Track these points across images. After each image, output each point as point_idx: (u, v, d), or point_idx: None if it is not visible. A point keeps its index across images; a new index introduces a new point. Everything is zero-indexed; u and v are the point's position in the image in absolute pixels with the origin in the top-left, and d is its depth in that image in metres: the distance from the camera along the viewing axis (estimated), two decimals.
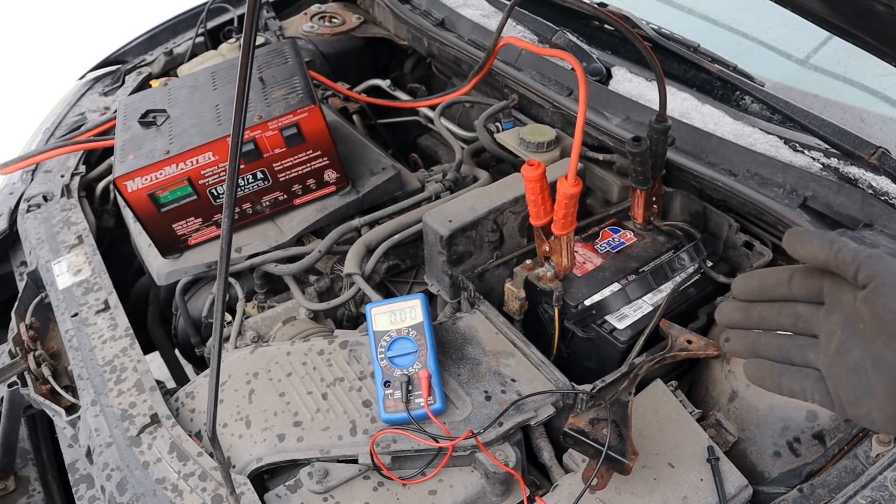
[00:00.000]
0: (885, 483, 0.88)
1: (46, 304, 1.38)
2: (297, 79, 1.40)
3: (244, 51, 0.64)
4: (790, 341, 0.65)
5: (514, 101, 1.62)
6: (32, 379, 1.23)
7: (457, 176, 1.53)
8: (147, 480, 0.97)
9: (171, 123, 1.37)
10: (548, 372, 1.04)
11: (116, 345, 1.19)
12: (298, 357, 1.09)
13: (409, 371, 1.00)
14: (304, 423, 1.00)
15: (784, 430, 1.00)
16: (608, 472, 0.89)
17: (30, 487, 1.30)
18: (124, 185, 1.26)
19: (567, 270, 1.15)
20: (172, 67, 1.97)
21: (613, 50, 1.64)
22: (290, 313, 1.33)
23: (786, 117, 1.27)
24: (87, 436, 1.07)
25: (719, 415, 1.05)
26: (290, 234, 1.39)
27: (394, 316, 1.05)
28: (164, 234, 1.34)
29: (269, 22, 2.06)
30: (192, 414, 1.07)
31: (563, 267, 1.14)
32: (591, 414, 0.91)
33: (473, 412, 0.99)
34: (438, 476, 0.95)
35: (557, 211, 1.06)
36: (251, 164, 1.33)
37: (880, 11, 0.89)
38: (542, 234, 1.12)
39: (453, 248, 1.19)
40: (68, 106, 1.89)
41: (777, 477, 1.01)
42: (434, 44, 1.81)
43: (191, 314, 1.40)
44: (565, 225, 1.07)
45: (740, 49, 1.82)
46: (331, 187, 1.42)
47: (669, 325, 1.09)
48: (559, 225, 1.07)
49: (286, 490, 0.95)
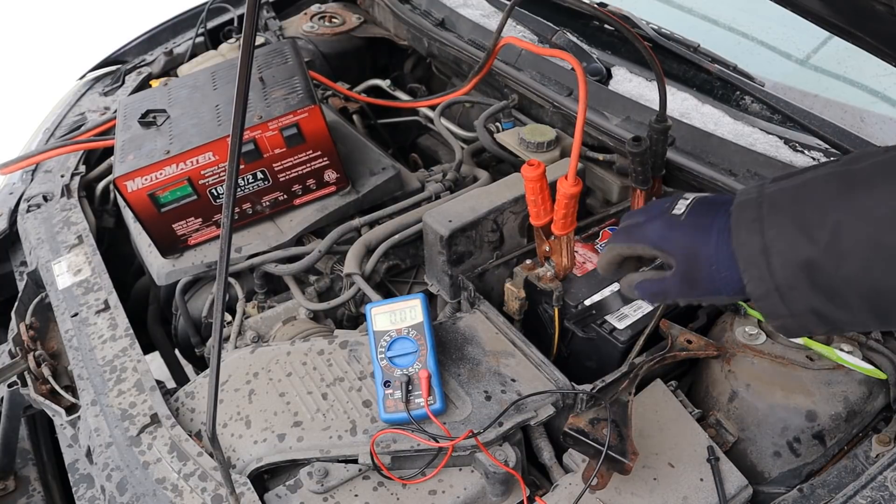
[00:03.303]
0: (886, 483, 0.88)
1: (46, 304, 1.38)
2: (297, 79, 1.40)
3: (244, 51, 0.64)
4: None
5: (514, 101, 1.62)
6: (32, 379, 1.23)
7: (457, 176, 1.53)
8: (147, 480, 0.97)
9: (171, 123, 1.37)
10: (548, 372, 1.04)
11: (116, 345, 1.19)
12: (298, 357, 1.09)
13: (409, 371, 1.00)
14: (304, 423, 1.00)
15: (784, 430, 1.00)
16: (608, 472, 0.89)
17: (30, 487, 1.30)
18: (124, 185, 1.26)
19: (567, 270, 1.15)
20: (172, 67, 1.97)
21: (613, 50, 1.64)
22: (290, 313, 1.33)
23: (786, 117, 1.27)
24: (87, 436, 1.07)
25: (719, 415, 1.05)
26: (290, 234, 1.39)
27: (394, 316, 1.05)
28: (164, 234, 1.34)
29: (269, 22, 2.06)
30: (192, 414, 1.07)
31: (563, 267, 1.14)
32: (591, 414, 0.91)
33: (473, 412, 0.99)
34: (438, 476, 0.95)
35: (557, 211, 1.06)
36: (251, 165, 1.33)
37: (880, 11, 0.89)
38: (541, 234, 1.12)
39: (453, 248, 1.19)
40: (68, 106, 1.89)
41: (777, 477, 1.01)
42: (434, 44, 1.81)
43: (191, 314, 1.40)
44: (565, 225, 1.07)
45: (740, 49, 1.82)
46: (331, 187, 1.42)
47: (669, 325, 1.09)
48: (559, 225, 1.07)
49: (286, 490, 0.95)
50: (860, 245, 0.63)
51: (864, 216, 0.63)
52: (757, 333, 1.07)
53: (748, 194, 0.72)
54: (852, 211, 0.64)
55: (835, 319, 0.68)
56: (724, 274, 0.73)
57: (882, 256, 0.63)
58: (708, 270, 0.74)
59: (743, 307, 1.12)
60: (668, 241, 0.79)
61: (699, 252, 0.75)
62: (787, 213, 0.67)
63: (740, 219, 0.71)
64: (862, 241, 0.63)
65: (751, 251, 0.69)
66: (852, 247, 0.63)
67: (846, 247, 0.64)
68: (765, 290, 0.69)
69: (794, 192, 0.68)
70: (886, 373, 1.01)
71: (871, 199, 0.63)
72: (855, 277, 0.64)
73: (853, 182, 0.65)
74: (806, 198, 0.67)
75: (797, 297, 0.68)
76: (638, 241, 0.82)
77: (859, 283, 0.64)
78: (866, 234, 0.63)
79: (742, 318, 1.11)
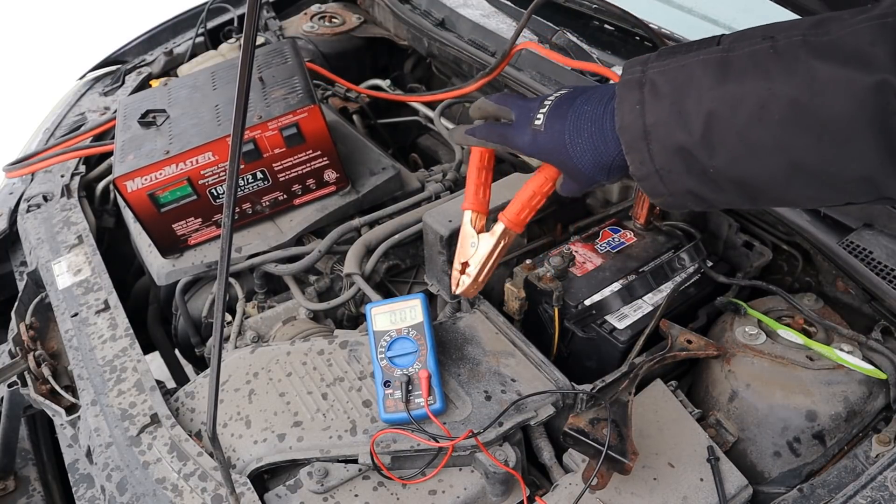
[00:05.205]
0: (886, 483, 0.88)
1: (46, 304, 1.38)
2: (297, 79, 1.40)
3: (244, 51, 0.64)
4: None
5: None
6: (32, 379, 1.23)
7: (457, 176, 1.53)
8: (147, 480, 0.97)
9: (170, 123, 1.37)
10: (548, 372, 1.04)
11: (116, 345, 1.19)
12: (298, 357, 1.09)
13: (409, 371, 1.00)
14: (304, 423, 1.00)
15: (784, 430, 1.00)
16: (608, 472, 0.88)
17: (30, 487, 1.30)
18: (124, 185, 1.26)
19: (472, 293, 1.00)
20: (172, 67, 1.97)
21: (613, 50, 1.64)
22: (290, 313, 1.32)
23: None
24: (87, 436, 1.07)
25: (719, 415, 1.05)
26: (290, 234, 1.39)
27: (394, 316, 1.05)
28: (164, 234, 1.34)
29: (269, 22, 2.06)
30: (192, 414, 1.07)
31: (470, 283, 0.98)
32: (591, 414, 0.91)
33: (473, 412, 0.99)
34: (438, 476, 0.95)
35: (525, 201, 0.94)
36: (251, 164, 1.33)
37: None
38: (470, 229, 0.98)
39: (453, 248, 1.19)
40: (68, 106, 1.89)
41: (777, 477, 1.01)
42: (434, 44, 1.81)
43: (191, 314, 1.40)
44: (521, 222, 0.94)
45: None
46: (331, 187, 1.43)
47: (669, 325, 1.09)
48: (517, 217, 0.93)
49: (286, 490, 0.95)
50: (729, 138, 0.67)
51: (734, 108, 0.66)
52: (757, 333, 1.07)
53: (633, 73, 0.74)
54: (724, 101, 0.67)
55: (710, 199, 0.74)
56: (605, 158, 0.78)
57: (748, 151, 0.67)
58: (582, 163, 0.79)
59: (743, 307, 1.12)
60: (536, 153, 0.84)
61: (566, 162, 0.81)
62: (667, 99, 0.70)
63: (624, 100, 0.73)
64: (731, 135, 0.67)
65: (633, 135, 0.73)
66: (722, 139, 0.67)
67: (716, 139, 0.68)
68: (646, 171, 0.73)
69: (674, 76, 0.71)
70: (886, 373, 1.01)
71: (740, 90, 0.66)
72: (724, 168, 0.69)
73: (727, 70, 0.67)
74: (684, 84, 0.69)
75: (675, 179, 0.73)
76: (508, 145, 0.87)
77: (729, 172, 0.69)
78: (735, 128, 0.66)
79: (742, 318, 1.11)
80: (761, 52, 0.66)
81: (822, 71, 0.62)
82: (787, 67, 0.64)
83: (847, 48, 0.61)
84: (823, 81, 0.62)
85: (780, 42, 0.65)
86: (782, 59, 0.64)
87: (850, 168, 0.63)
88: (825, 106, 0.62)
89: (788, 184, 0.68)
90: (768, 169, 0.67)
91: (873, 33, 0.60)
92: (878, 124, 0.60)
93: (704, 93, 0.68)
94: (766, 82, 0.65)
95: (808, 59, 0.63)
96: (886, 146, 0.60)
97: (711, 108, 0.67)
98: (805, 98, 0.63)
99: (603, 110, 0.77)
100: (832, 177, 0.65)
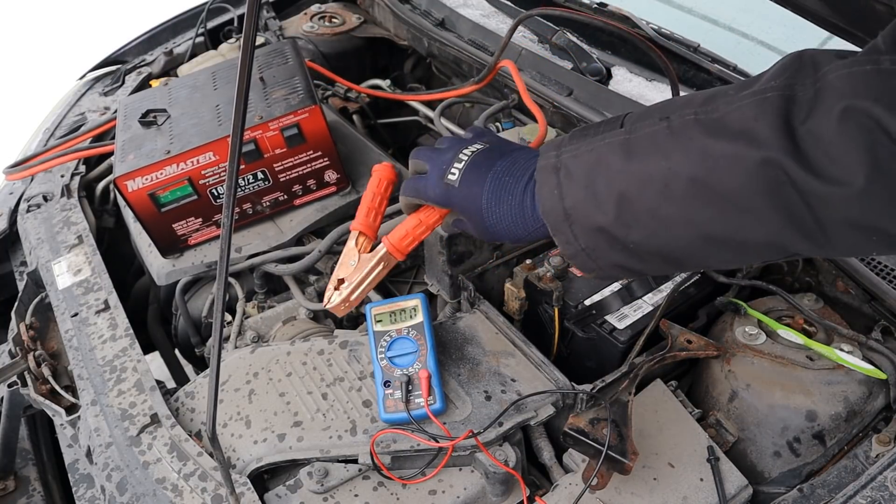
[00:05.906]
0: (886, 483, 0.88)
1: (46, 304, 1.38)
2: (298, 79, 1.40)
3: (244, 51, 0.64)
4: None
5: (513, 102, 1.62)
6: (32, 379, 1.23)
7: None
8: (147, 480, 0.97)
9: (171, 123, 1.37)
10: (548, 372, 1.04)
11: (116, 345, 1.19)
12: (298, 357, 1.09)
13: (409, 371, 1.00)
14: (304, 423, 1.00)
15: (784, 430, 1.00)
16: (608, 472, 0.89)
17: (30, 487, 1.30)
18: (124, 184, 1.26)
19: (342, 312, 0.96)
20: (172, 67, 1.97)
21: (613, 50, 1.64)
22: (290, 313, 1.33)
23: None
24: (87, 436, 1.07)
25: (719, 415, 1.05)
26: (290, 234, 1.39)
27: (394, 316, 1.05)
28: (164, 234, 1.34)
29: (269, 22, 2.06)
30: (192, 414, 1.07)
31: (341, 302, 0.94)
32: (591, 414, 0.91)
33: (473, 412, 0.99)
34: (438, 476, 0.95)
35: (410, 229, 0.92)
36: (251, 165, 1.33)
37: (880, 11, 0.89)
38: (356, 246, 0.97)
39: (453, 248, 1.19)
40: (68, 106, 1.89)
41: (777, 477, 1.01)
42: (434, 44, 1.81)
43: (191, 314, 1.40)
44: (404, 248, 0.92)
45: (740, 49, 1.82)
46: (331, 188, 1.43)
47: (669, 324, 1.09)
48: (400, 243, 0.92)
49: (286, 490, 0.95)
50: (641, 216, 0.70)
51: (641, 188, 0.69)
52: (757, 333, 1.07)
53: (547, 158, 0.77)
54: (631, 182, 0.70)
55: (638, 269, 0.76)
56: (521, 231, 0.80)
57: (660, 226, 0.70)
58: (497, 228, 0.81)
59: (743, 307, 1.12)
60: (448, 206, 0.86)
61: (478, 223, 0.83)
62: (581, 183, 0.73)
63: (543, 184, 0.76)
64: (643, 213, 0.70)
65: (556, 218, 0.75)
66: (635, 218, 0.70)
67: (630, 218, 0.70)
68: (573, 251, 0.76)
69: (584, 160, 0.73)
70: (886, 373, 1.01)
71: (645, 170, 0.69)
72: (643, 242, 0.72)
73: (631, 152, 0.70)
74: (593, 167, 0.72)
75: (601, 255, 0.75)
76: (421, 198, 0.88)
77: (648, 246, 0.72)
78: (645, 207, 0.69)
79: (742, 318, 1.11)
80: (659, 132, 0.69)
81: (713, 148, 0.65)
82: (683, 147, 0.67)
83: (734, 125, 0.64)
84: (716, 158, 0.64)
85: (674, 122, 0.69)
86: (678, 138, 0.68)
87: (756, 235, 0.66)
88: (721, 181, 0.65)
89: (706, 252, 0.71)
90: (683, 241, 0.70)
91: (755, 109, 0.63)
92: (771, 194, 0.63)
93: (613, 175, 0.71)
94: (665, 161, 0.68)
95: (701, 138, 0.66)
96: (784, 213, 0.63)
97: (621, 189, 0.70)
98: (702, 174, 0.65)
99: (524, 188, 0.79)
100: (742, 244, 0.68)
